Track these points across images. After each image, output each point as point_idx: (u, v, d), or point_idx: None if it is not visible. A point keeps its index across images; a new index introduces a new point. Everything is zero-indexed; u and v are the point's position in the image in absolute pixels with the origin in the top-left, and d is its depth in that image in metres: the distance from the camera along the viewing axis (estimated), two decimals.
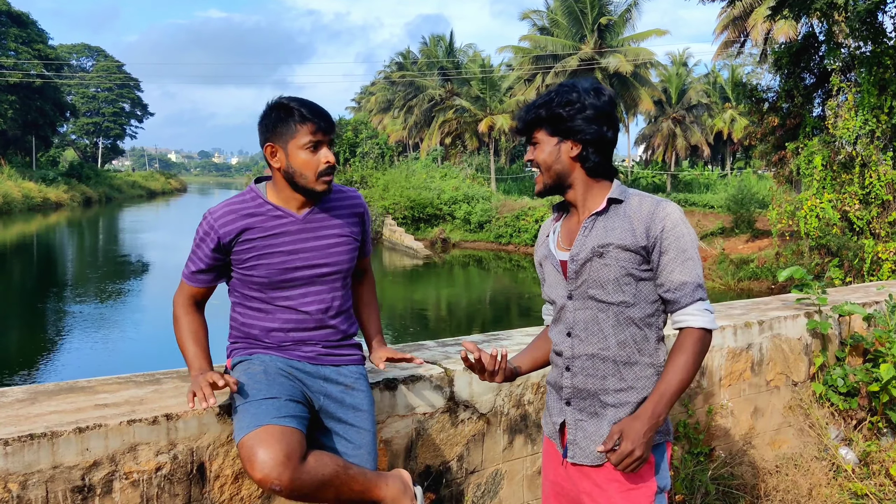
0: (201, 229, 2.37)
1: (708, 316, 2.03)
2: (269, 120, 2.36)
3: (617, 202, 2.09)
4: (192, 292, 2.44)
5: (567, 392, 2.15)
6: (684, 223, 2.04)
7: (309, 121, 2.32)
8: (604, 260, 2.04)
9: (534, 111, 2.10)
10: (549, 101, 2.09)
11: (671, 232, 2.01)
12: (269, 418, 2.14)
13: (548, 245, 2.24)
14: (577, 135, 2.08)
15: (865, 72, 16.83)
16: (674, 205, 2.06)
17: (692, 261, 2.02)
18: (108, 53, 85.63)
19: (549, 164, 2.12)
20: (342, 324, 2.47)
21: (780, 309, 4.44)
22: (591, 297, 2.08)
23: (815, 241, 18.42)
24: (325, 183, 2.37)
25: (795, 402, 4.30)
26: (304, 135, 2.32)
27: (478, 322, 19.27)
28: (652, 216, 2.03)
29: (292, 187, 2.38)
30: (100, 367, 12.22)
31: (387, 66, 59.81)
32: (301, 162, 2.33)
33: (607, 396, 2.08)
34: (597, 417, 2.10)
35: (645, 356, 2.08)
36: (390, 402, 2.72)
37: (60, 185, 58.39)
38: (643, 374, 2.07)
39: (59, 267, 26.57)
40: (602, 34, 39.88)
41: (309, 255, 2.38)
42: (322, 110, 2.37)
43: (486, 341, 3.46)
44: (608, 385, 2.08)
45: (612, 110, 2.11)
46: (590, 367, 2.10)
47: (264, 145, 2.37)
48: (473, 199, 34.26)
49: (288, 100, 2.36)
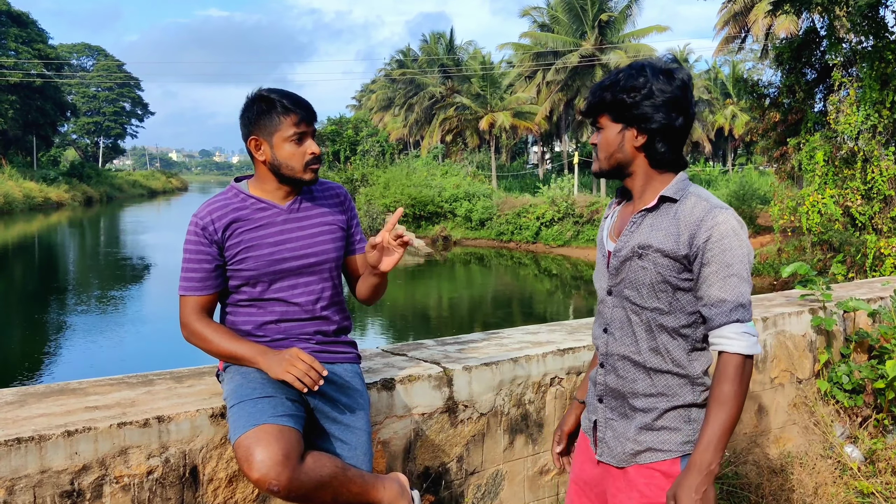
0: (191, 234, 2.32)
1: (747, 340, 1.84)
2: (252, 113, 2.33)
3: (671, 201, 1.92)
4: (198, 305, 2.33)
5: (600, 389, 2.07)
6: (736, 235, 1.84)
7: (291, 112, 2.30)
8: (642, 262, 1.91)
9: (598, 94, 1.95)
10: (614, 84, 1.92)
11: (717, 243, 1.83)
12: (265, 417, 2.09)
13: (603, 229, 2.13)
14: (642, 123, 1.90)
15: (867, 67, 16.75)
16: (731, 213, 1.87)
17: (736, 277, 1.83)
18: (108, 53, 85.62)
19: (610, 152, 1.97)
20: (335, 314, 2.43)
21: (783, 305, 4.38)
22: (626, 297, 1.96)
23: (818, 236, 18.36)
24: (313, 171, 2.36)
25: (800, 399, 4.25)
26: (288, 127, 2.30)
27: (479, 320, 19.22)
28: (700, 223, 1.85)
29: (278, 179, 2.36)
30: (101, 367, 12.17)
31: (387, 63, 59.75)
32: (287, 154, 2.32)
33: (636, 400, 1.97)
34: (626, 419, 2.01)
35: (677, 366, 1.94)
36: (388, 403, 2.67)
37: (61, 185, 58.45)
38: (674, 383, 1.94)
39: (60, 267, 26.54)
40: (602, 31, 39.77)
41: (296, 244, 2.35)
42: (303, 101, 2.35)
43: (486, 339, 3.40)
44: (638, 388, 1.97)
45: (684, 95, 1.91)
46: (621, 368, 2.00)
47: (248, 139, 2.35)
48: (474, 197, 34.21)
49: (268, 92, 2.33)
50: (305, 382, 2.14)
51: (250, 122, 2.34)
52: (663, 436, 1.94)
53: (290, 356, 2.17)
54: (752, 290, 1.89)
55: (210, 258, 2.31)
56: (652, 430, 1.94)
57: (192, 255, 2.32)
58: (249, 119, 2.34)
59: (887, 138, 17.08)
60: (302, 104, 2.33)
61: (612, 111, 1.93)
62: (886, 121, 16.70)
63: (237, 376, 2.24)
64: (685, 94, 1.91)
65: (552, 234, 30.84)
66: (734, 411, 1.81)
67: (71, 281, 23.08)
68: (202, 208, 2.36)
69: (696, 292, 1.89)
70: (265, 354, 2.22)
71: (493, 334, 3.51)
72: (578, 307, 19.97)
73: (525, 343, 3.30)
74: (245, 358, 2.24)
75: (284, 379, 2.16)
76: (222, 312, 2.42)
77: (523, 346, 3.25)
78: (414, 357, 3.01)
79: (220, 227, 2.30)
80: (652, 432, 1.94)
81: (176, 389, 2.49)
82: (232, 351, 2.26)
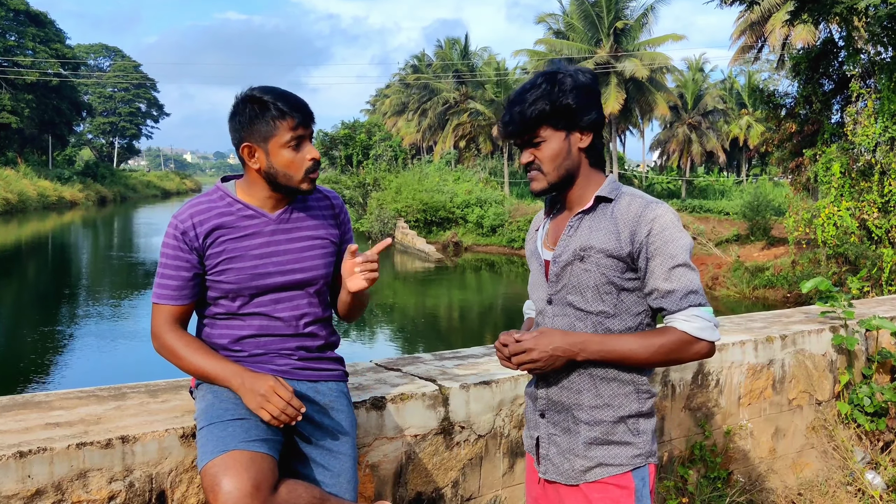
0: (169, 238, 2.12)
1: (699, 322, 1.81)
2: (243, 117, 2.10)
3: (606, 201, 1.90)
4: (172, 315, 2.13)
5: (542, 403, 1.98)
6: (675, 227, 1.82)
7: (288, 115, 2.07)
8: (584, 264, 1.87)
9: (534, 108, 1.85)
10: (548, 93, 1.85)
11: (658, 236, 1.81)
12: (236, 442, 1.90)
13: (535, 240, 2.07)
14: (585, 123, 1.88)
15: (885, 78, 16.50)
16: (666, 206, 1.85)
17: (683, 267, 1.81)
18: (125, 53, 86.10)
19: (559, 162, 1.89)
20: (321, 330, 2.23)
21: (803, 322, 4.17)
22: (569, 303, 1.90)
23: (833, 249, 18.10)
24: (311, 181, 2.14)
25: (819, 422, 4.03)
26: (285, 132, 2.07)
27: (489, 327, 19.01)
28: (639, 219, 1.83)
29: (272, 187, 2.14)
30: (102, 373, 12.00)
31: (402, 68, 59.67)
32: (285, 162, 2.09)
33: (581, 412, 1.90)
34: (570, 433, 1.93)
35: (624, 372, 1.88)
36: (377, 423, 2.48)
37: (76, 184, 58.73)
38: (621, 392, 1.89)
39: (70, 269, 26.49)
40: (618, 38, 39.55)
41: (282, 258, 2.14)
42: (300, 101, 2.11)
43: (487, 353, 3.21)
44: (583, 400, 1.90)
45: (598, 88, 1.95)
46: (565, 379, 1.92)
47: (240, 146, 2.12)
48: (486, 203, 34.02)
49: (261, 92, 2.09)
50: (282, 420, 1.95)
51: (242, 127, 2.11)
52: (613, 450, 1.88)
53: (266, 390, 1.95)
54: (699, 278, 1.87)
55: (188, 266, 2.12)
56: (601, 444, 1.89)
57: (169, 260, 2.12)
58: (241, 123, 2.11)
59: None
60: (299, 106, 2.10)
61: (553, 119, 1.87)
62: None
63: (209, 395, 2.05)
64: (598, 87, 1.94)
65: None
66: (641, 356, 1.83)
67: (80, 284, 22.96)
68: (184, 209, 2.16)
69: (643, 289, 1.87)
70: (240, 377, 2.01)
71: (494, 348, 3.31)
72: None
73: None
74: (218, 379, 2.04)
75: (258, 415, 1.96)
76: (199, 324, 2.23)
77: None
78: (408, 373, 2.82)
79: (201, 232, 2.10)
80: (601, 447, 1.89)
81: (148, 405, 2.31)
82: (204, 369, 2.06)
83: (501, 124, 1.93)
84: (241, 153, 2.13)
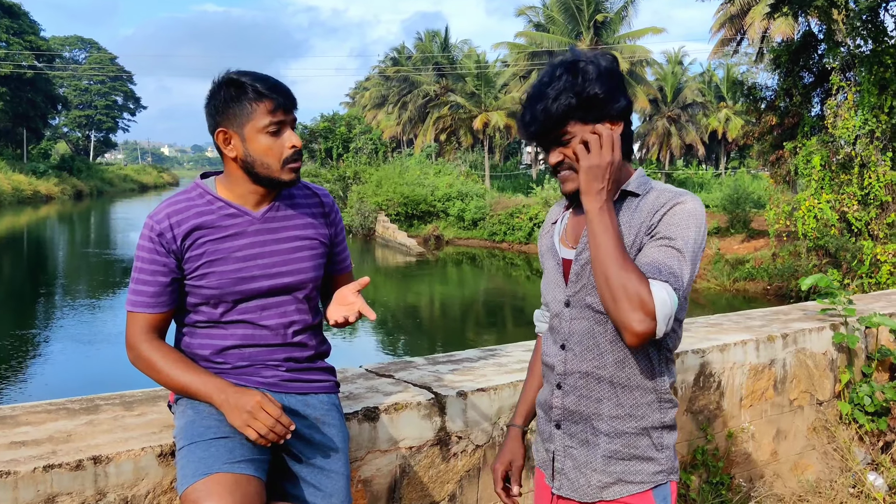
0: (145, 240, 1.94)
1: (665, 303, 1.55)
2: (218, 100, 1.94)
3: (633, 195, 1.74)
4: (148, 323, 1.95)
5: (557, 413, 1.82)
6: (693, 216, 1.64)
7: (266, 98, 1.91)
8: None
9: (559, 103, 1.67)
10: (571, 84, 1.67)
11: (669, 218, 1.64)
12: (219, 464, 1.74)
13: (552, 236, 1.90)
14: (614, 112, 1.71)
15: (865, 71, 16.53)
16: (695, 201, 1.67)
17: (674, 250, 1.60)
18: (100, 46, 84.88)
19: None
20: (310, 339, 2.06)
21: (802, 320, 4.06)
22: (588, 305, 1.74)
23: (813, 241, 18.13)
24: (293, 171, 1.97)
25: (820, 423, 3.92)
26: (263, 115, 1.91)
27: (471, 321, 18.88)
28: (661, 206, 1.67)
29: (252, 179, 1.97)
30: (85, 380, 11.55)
31: (381, 61, 59.28)
32: (262, 148, 1.93)
33: (601, 423, 1.75)
34: (588, 446, 1.77)
35: (646, 379, 1.73)
36: (370, 436, 2.32)
37: (51, 178, 57.87)
38: (643, 401, 1.74)
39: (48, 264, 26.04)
40: (598, 31, 39.51)
41: (268, 261, 1.98)
42: (280, 84, 1.95)
43: (482, 357, 3.06)
44: (603, 410, 1.74)
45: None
46: (583, 387, 1.76)
47: (215, 131, 1.96)
48: (467, 197, 33.82)
49: (238, 74, 1.94)
50: (269, 439, 1.79)
51: (217, 112, 1.95)
52: (635, 466, 1.74)
53: (252, 407, 1.78)
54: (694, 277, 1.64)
55: (166, 270, 1.94)
56: (622, 459, 1.74)
57: (145, 264, 1.95)
58: (216, 107, 1.95)
59: (885, 143, 16.87)
60: (278, 88, 1.94)
61: (581, 113, 1.69)
62: (884, 126, 16.49)
63: (189, 410, 1.89)
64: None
65: None
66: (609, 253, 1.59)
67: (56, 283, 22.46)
68: (160, 209, 1.98)
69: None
70: (224, 393, 1.84)
71: (490, 351, 3.17)
72: None
73: (526, 362, 2.96)
74: (199, 394, 1.88)
75: (244, 433, 1.80)
76: (177, 333, 2.06)
77: (524, 365, 2.90)
78: (401, 379, 2.66)
79: (179, 234, 1.93)
80: (622, 462, 1.74)
81: (123, 419, 2.14)
82: (185, 384, 1.89)
83: (522, 124, 1.74)
84: (216, 140, 1.97)
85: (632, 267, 1.58)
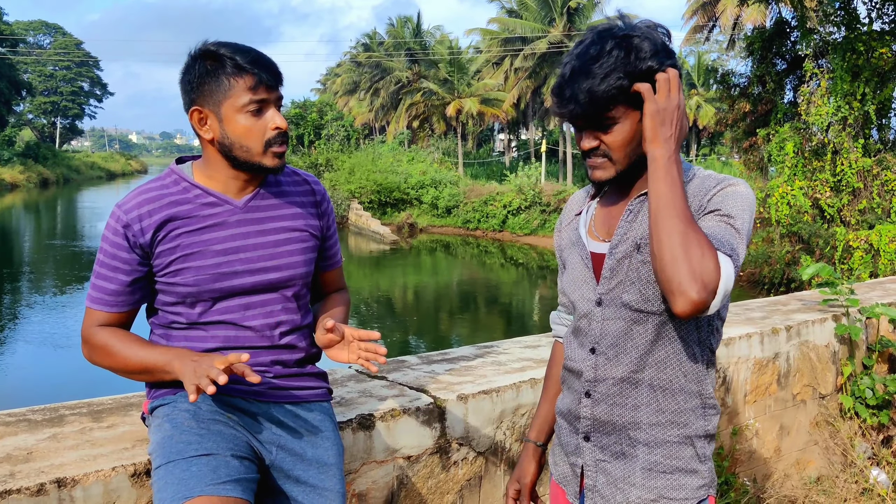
0: (109, 231, 1.73)
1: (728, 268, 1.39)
2: (193, 75, 1.71)
3: None
4: (106, 321, 1.76)
5: (586, 424, 1.62)
6: (745, 199, 1.48)
7: (246, 72, 1.69)
8: (643, 255, 1.52)
9: (608, 84, 1.44)
10: (623, 63, 1.45)
11: (721, 195, 1.48)
12: (202, 486, 1.53)
13: (577, 228, 1.69)
14: None
15: (838, 58, 16.56)
16: (747, 187, 1.50)
17: (733, 228, 1.44)
18: (65, 31, 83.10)
19: (632, 147, 1.52)
20: (299, 341, 1.85)
21: (803, 311, 3.91)
22: (625, 304, 1.54)
23: (786, 228, 18.20)
24: (276, 156, 1.74)
25: (822, 417, 3.79)
26: (242, 92, 1.69)
27: (445, 308, 18.74)
28: (710, 190, 1.50)
29: (232, 164, 1.75)
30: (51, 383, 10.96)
31: (353, 47, 58.68)
32: (241, 130, 1.70)
33: (639, 432, 1.56)
34: (624, 458, 1.58)
35: (691, 381, 1.55)
36: (365, 445, 2.12)
37: (16, 166, 56.78)
38: (687, 406, 1.55)
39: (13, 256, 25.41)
40: (571, 17, 39.29)
41: (252, 254, 1.77)
42: (263, 57, 1.73)
43: (479, 355, 2.87)
44: (641, 417, 1.56)
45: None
46: (617, 395, 1.57)
47: (189, 110, 1.74)
48: (441, 184, 33.60)
49: (217, 46, 1.71)
50: (201, 386, 1.52)
51: (191, 88, 1.72)
52: (678, 479, 1.56)
53: (207, 364, 1.56)
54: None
55: (127, 269, 1.72)
56: (663, 472, 1.56)
57: (106, 258, 1.73)
58: (190, 83, 1.72)
59: (857, 130, 16.97)
60: (261, 62, 1.72)
61: (631, 96, 1.47)
62: (857, 113, 16.57)
63: (165, 424, 1.68)
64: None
65: (519, 223, 30.40)
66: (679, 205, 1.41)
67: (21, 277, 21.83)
68: (129, 197, 1.75)
69: None
70: (182, 359, 1.63)
71: (487, 348, 2.97)
72: (545, 297, 19.53)
73: (526, 360, 2.77)
74: (158, 367, 1.67)
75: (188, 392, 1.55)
76: (151, 337, 1.83)
77: (524, 364, 2.72)
78: (395, 381, 2.46)
79: (149, 226, 1.71)
80: (664, 475, 1.56)
81: (91, 432, 1.92)
82: (143, 361, 1.69)
83: (559, 101, 1.50)
84: (190, 119, 1.74)
85: (699, 229, 1.40)
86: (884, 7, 16.36)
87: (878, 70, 15.92)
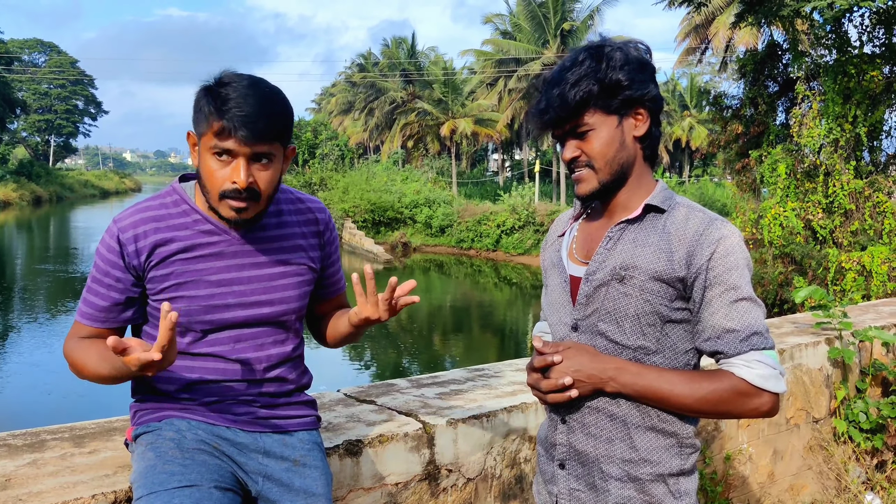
0: (104, 247, 1.69)
1: (763, 369, 1.44)
2: (197, 99, 1.66)
3: (657, 211, 1.54)
4: (90, 335, 1.72)
5: (561, 451, 1.61)
6: (741, 252, 1.48)
7: (220, 116, 1.58)
8: (624, 287, 1.51)
9: (578, 89, 1.48)
10: (594, 70, 1.48)
11: (722, 261, 1.46)
12: None
13: (559, 249, 1.68)
14: (641, 103, 1.53)
15: (830, 80, 16.66)
16: (732, 227, 1.51)
17: (747, 301, 1.46)
18: (60, 49, 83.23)
19: (612, 154, 1.53)
20: (289, 373, 1.82)
21: (796, 334, 3.90)
22: (601, 332, 1.53)
23: (779, 249, 18.23)
24: (231, 209, 1.64)
25: (816, 441, 3.76)
26: (212, 134, 1.61)
27: (438, 328, 18.67)
28: (700, 238, 1.48)
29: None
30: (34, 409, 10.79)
31: (348, 67, 58.90)
32: (206, 169, 1.64)
33: (612, 466, 1.54)
34: (596, 491, 1.56)
35: (665, 422, 1.53)
36: (353, 472, 2.09)
37: (9, 184, 56.73)
38: (660, 444, 1.53)
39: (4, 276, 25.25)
40: (565, 39, 39.56)
41: (245, 287, 1.73)
42: (255, 110, 1.59)
43: (470, 378, 2.84)
44: (615, 451, 1.54)
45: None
46: (593, 424, 1.55)
47: (189, 131, 1.71)
48: (435, 203, 33.63)
49: (227, 77, 1.63)
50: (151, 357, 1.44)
51: (193, 111, 1.68)
52: None
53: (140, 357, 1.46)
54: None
55: (120, 287, 1.69)
56: None
57: (100, 274, 1.70)
58: (194, 106, 1.67)
59: (849, 152, 17.03)
60: (243, 113, 1.57)
61: (602, 101, 1.50)
62: (848, 135, 16.64)
63: (149, 452, 1.64)
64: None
65: (512, 242, 30.41)
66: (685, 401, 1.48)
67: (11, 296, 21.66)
68: (128, 213, 1.71)
69: (695, 323, 1.52)
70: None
71: (478, 371, 2.94)
72: (538, 317, 19.44)
73: (518, 384, 2.74)
74: (123, 373, 1.60)
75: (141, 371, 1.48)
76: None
77: (516, 388, 2.69)
78: (384, 406, 2.43)
79: (144, 247, 1.67)
80: None
81: (72, 458, 1.88)
82: (108, 374, 1.62)
83: (536, 112, 1.54)
84: (187, 140, 1.72)
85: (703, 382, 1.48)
86: (874, 30, 16.48)
87: (870, 93, 16.04)
